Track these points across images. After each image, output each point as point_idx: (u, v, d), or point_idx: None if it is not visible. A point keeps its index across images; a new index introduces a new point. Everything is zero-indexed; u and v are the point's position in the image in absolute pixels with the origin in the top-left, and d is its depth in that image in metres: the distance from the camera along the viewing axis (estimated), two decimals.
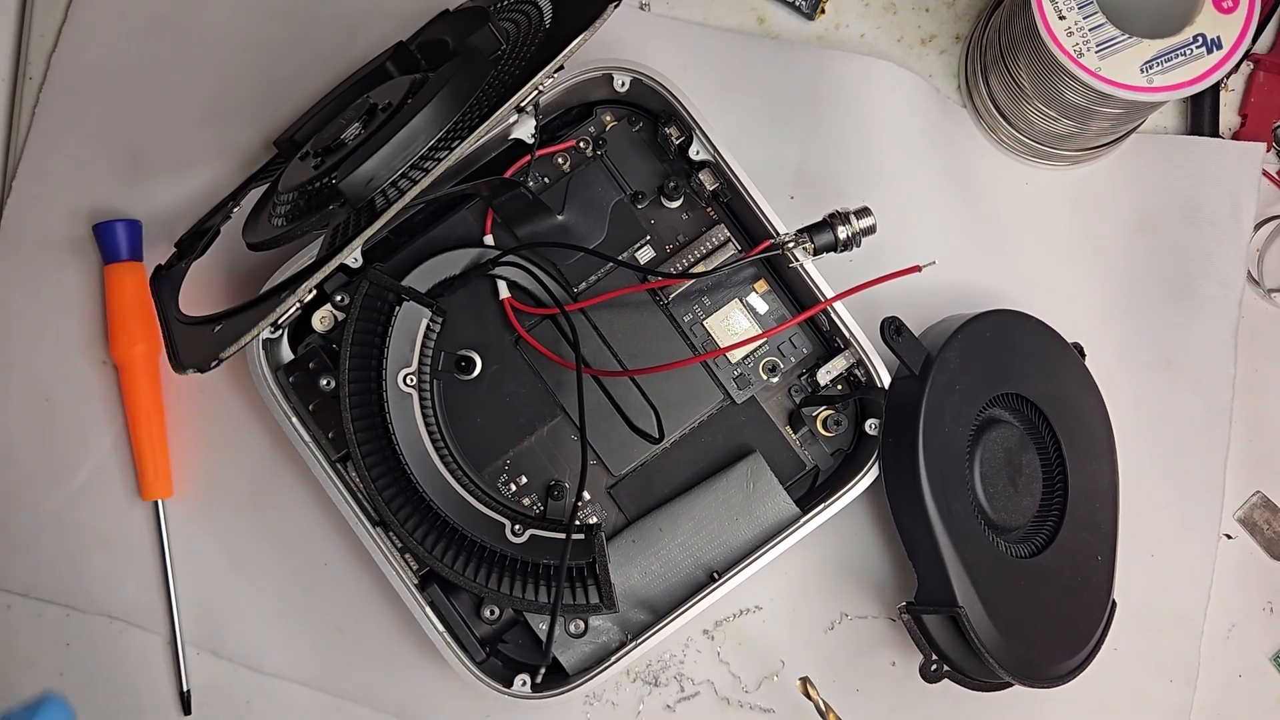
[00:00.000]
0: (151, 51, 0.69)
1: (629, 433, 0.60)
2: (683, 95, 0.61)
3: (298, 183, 0.54)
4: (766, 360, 0.63)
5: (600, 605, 0.58)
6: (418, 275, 0.61)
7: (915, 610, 0.59)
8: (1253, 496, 0.69)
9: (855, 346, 0.61)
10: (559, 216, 0.62)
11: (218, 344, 0.49)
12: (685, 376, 0.62)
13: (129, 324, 0.65)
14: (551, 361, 0.61)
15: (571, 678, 0.59)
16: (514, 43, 0.55)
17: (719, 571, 0.60)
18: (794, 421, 0.63)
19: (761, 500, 0.61)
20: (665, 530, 0.61)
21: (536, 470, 0.62)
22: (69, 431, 0.66)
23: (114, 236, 0.65)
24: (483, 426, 0.61)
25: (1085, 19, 0.60)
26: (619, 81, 0.61)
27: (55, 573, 0.66)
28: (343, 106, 0.59)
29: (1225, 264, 0.69)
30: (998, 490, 0.61)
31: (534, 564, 0.58)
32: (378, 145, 0.50)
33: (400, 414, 0.59)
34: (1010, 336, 0.62)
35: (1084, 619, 0.62)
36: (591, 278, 0.63)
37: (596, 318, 0.62)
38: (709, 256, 0.62)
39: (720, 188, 0.62)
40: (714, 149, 0.61)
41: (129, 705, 0.66)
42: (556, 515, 0.61)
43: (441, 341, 0.61)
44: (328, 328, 0.61)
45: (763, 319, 0.63)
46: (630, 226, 0.63)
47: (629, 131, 0.64)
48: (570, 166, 0.63)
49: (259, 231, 0.55)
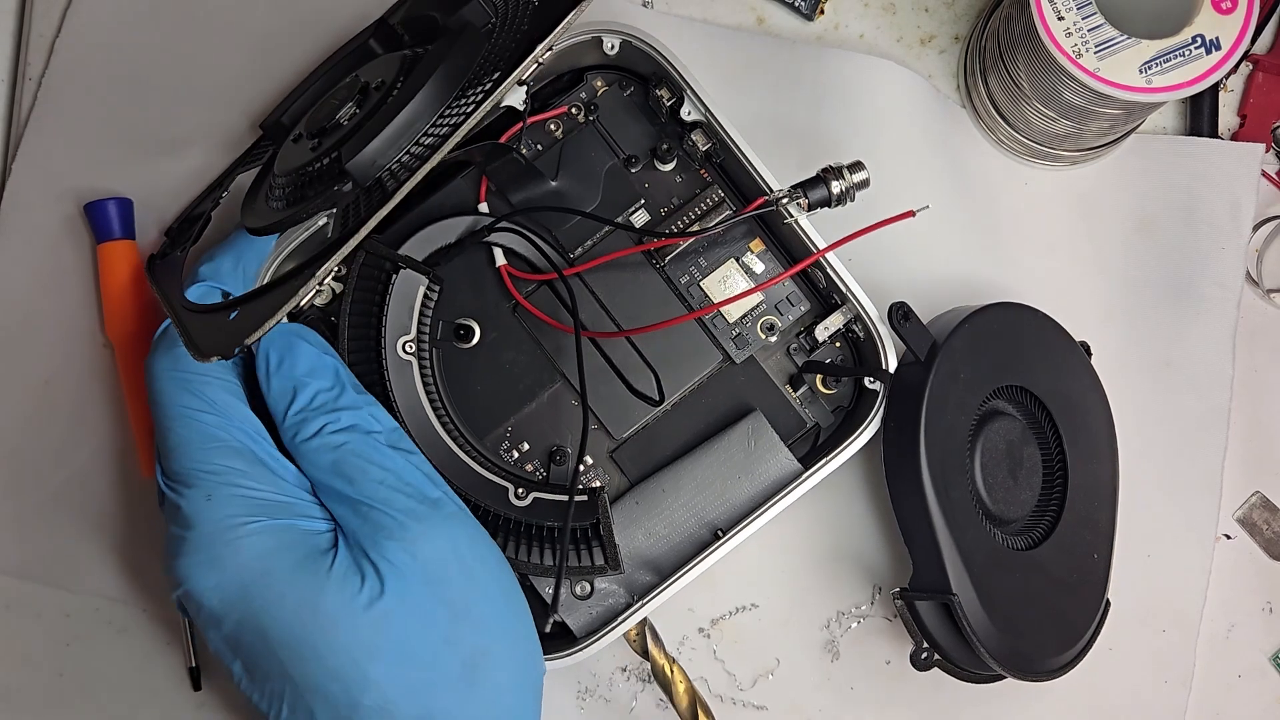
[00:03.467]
0: (149, 38, 0.69)
1: (629, 396, 0.60)
2: (672, 56, 0.61)
3: (296, 165, 0.54)
4: (764, 319, 0.63)
5: (605, 566, 0.58)
6: (413, 244, 0.61)
7: (909, 596, 0.59)
8: (1251, 496, 0.69)
9: (852, 302, 0.61)
10: (553, 182, 0.63)
11: (238, 330, 0.49)
12: (684, 338, 0.62)
13: (123, 302, 0.65)
14: (550, 327, 0.61)
15: (579, 639, 0.59)
16: (502, 15, 0.56)
17: (723, 529, 0.60)
18: (794, 380, 0.63)
19: (763, 458, 0.61)
20: (668, 491, 0.61)
21: (538, 436, 0.62)
22: (70, 413, 0.66)
23: (105, 215, 0.65)
24: (483, 394, 0.61)
25: (1084, 19, 0.60)
26: (608, 44, 0.62)
27: (58, 554, 0.65)
28: (328, 87, 0.59)
29: (1224, 264, 0.69)
30: (997, 481, 0.61)
31: (538, 526, 0.58)
32: (382, 124, 0.50)
33: (400, 381, 0.59)
34: (1017, 329, 0.62)
35: (1077, 615, 0.61)
36: (587, 242, 0.63)
37: (593, 282, 0.62)
38: (704, 217, 0.63)
39: (713, 148, 0.62)
40: (705, 108, 0.61)
41: (134, 699, 0.66)
42: (559, 480, 0.61)
43: (439, 310, 0.61)
44: (325, 301, 0.62)
45: (759, 278, 0.63)
46: (624, 190, 0.63)
47: (620, 96, 0.64)
48: (562, 132, 0.64)
49: (260, 215, 0.55)
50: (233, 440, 0.52)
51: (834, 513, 0.66)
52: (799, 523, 0.66)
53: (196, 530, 0.50)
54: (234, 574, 0.50)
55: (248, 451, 0.52)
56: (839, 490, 0.66)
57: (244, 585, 0.50)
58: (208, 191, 0.63)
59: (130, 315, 0.65)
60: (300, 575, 0.50)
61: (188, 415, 0.52)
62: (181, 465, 0.52)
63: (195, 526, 0.51)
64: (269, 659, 0.50)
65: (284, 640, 0.49)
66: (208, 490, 0.51)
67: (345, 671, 0.49)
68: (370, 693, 0.49)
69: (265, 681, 0.50)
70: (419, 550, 0.51)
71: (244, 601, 0.50)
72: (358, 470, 0.52)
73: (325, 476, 0.53)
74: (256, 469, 0.52)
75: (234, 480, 0.52)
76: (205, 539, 0.50)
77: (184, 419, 0.52)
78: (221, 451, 0.52)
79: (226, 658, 0.51)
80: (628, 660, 0.65)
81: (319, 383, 0.54)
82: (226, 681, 0.64)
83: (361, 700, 0.49)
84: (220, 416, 0.52)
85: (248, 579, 0.50)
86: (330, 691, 0.49)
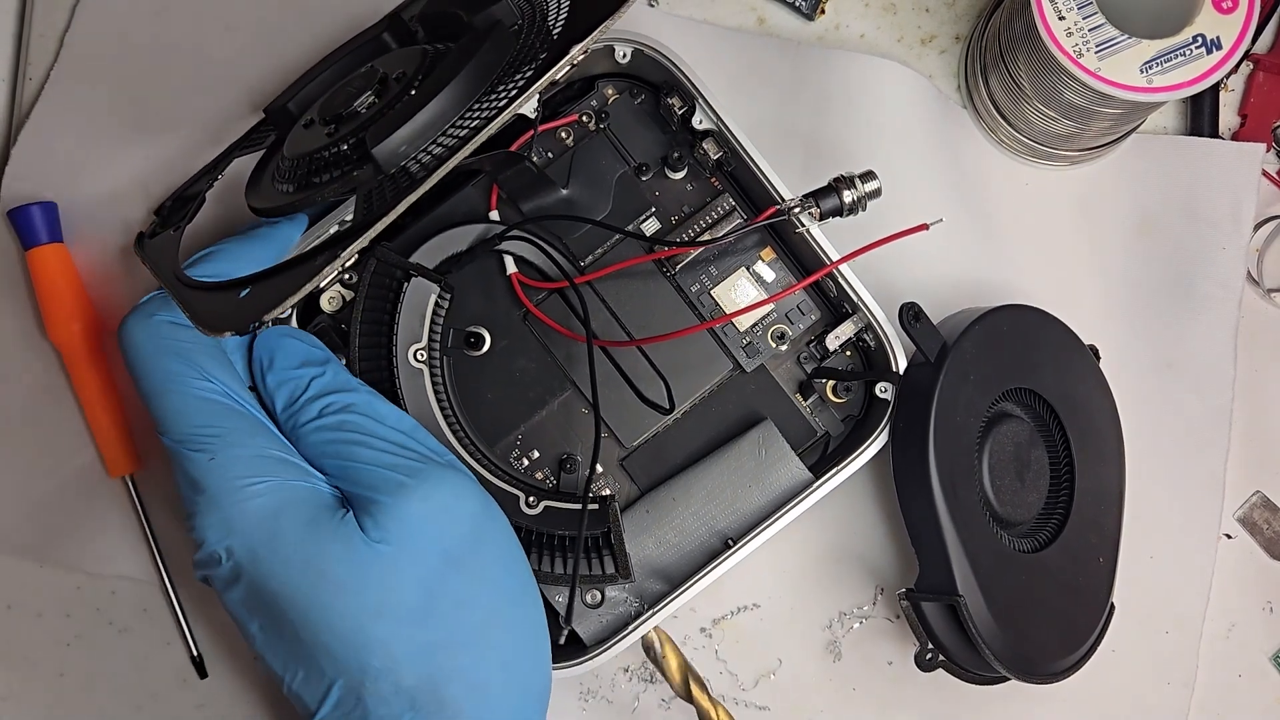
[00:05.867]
0: (152, 32, 0.68)
1: (640, 405, 0.60)
2: (684, 64, 0.61)
3: (308, 150, 0.54)
4: (775, 328, 0.63)
5: (616, 574, 0.58)
6: (424, 253, 0.61)
7: (915, 597, 0.59)
8: (1252, 496, 0.69)
9: (864, 311, 0.61)
10: (564, 190, 0.62)
11: (253, 306, 0.48)
12: (694, 347, 0.62)
13: (61, 305, 0.65)
14: (560, 335, 0.61)
15: (590, 648, 0.59)
16: (529, 17, 0.55)
17: (734, 538, 0.60)
18: (804, 389, 0.63)
19: (774, 466, 0.61)
20: (679, 500, 0.61)
21: (548, 444, 0.62)
22: (27, 419, 0.66)
23: (30, 221, 0.64)
24: (494, 402, 0.62)
25: (1085, 19, 0.60)
26: (620, 53, 0.61)
27: (32, 563, 0.66)
28: (339, 76, 0.59)
29: (1225, 264, 0.69)
30: (1005, 483, 0.61)
31: (549, 535, 0.58)
32: (410, 112, 0.50)
33: (412, 389, 0.59)
34: (1027, 332, 0.63)
35: (1081, 619, 0.62)
36: (598, 250, 0.63)
37: (604, 291, 0.62)
38: (714, 226, 0.63)
39: (724, 156, 0.62)
40: (717, 116, 0.61)
41: (135, 698, 0.66)
42: (570, 488, 0.61)
43: (450, 318, 0.61)
44: (336, 307, 0.61)
45: (770, 286, 0.63)
46: (635, 199, 0.63)
47: (631, 104, 0.64)
48: (573, 141, 0.63)
49: (265, 197, 0.55)
50: (230, 403, 0.53)
51: (837, 514, 0.66)
52: (802, 524, 0.64)
53: (206, 493, 0.51)
54: (243, 537, 0.50)
55: (246, 413, 0.53)
56: (842, 491, 0.65)
57: (253, 548, 0.50)
58: (204, 172, 0.63)
59: (70, 316, 0.65)
60: (307, 537, 0.50)
61: (181, 380, 0.52)
62: (181, 430, 0.52)
63: (205, 489, 0.51)
64: (281, 622, 0.50)
65: (293, 603, 0.50)
66: (211, 452, 0.51)
67: (353, 633, 0.50)
68: (378, 653, 0.50)
69: (279, 645, 0.51)
70: (424, 511, 0.51)
71: (254, 564, 0.50)
72: (359, 441, 0.53)
73: (328, 452, 0.53)
74: (256, 428, 0.52)
75: (236, 440, 0.52)
76: (213, 501, 0.51)
77: (177, 384, 0.52)
78: (220, 413, 0.52)
79: (244, 619, 0.52)
80: (629, 661, 0.66)
81: (312, 371, 0.55)
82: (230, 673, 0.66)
83: (370, 661, 0.49)
84: (213, 381, 0.53)
85: (256, 542, 0.50)
86: (340, 654, 0.50)
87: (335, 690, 0.50)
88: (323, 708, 0.50)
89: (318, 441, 0.53)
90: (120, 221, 0.67)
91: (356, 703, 0.50)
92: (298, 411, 0.54)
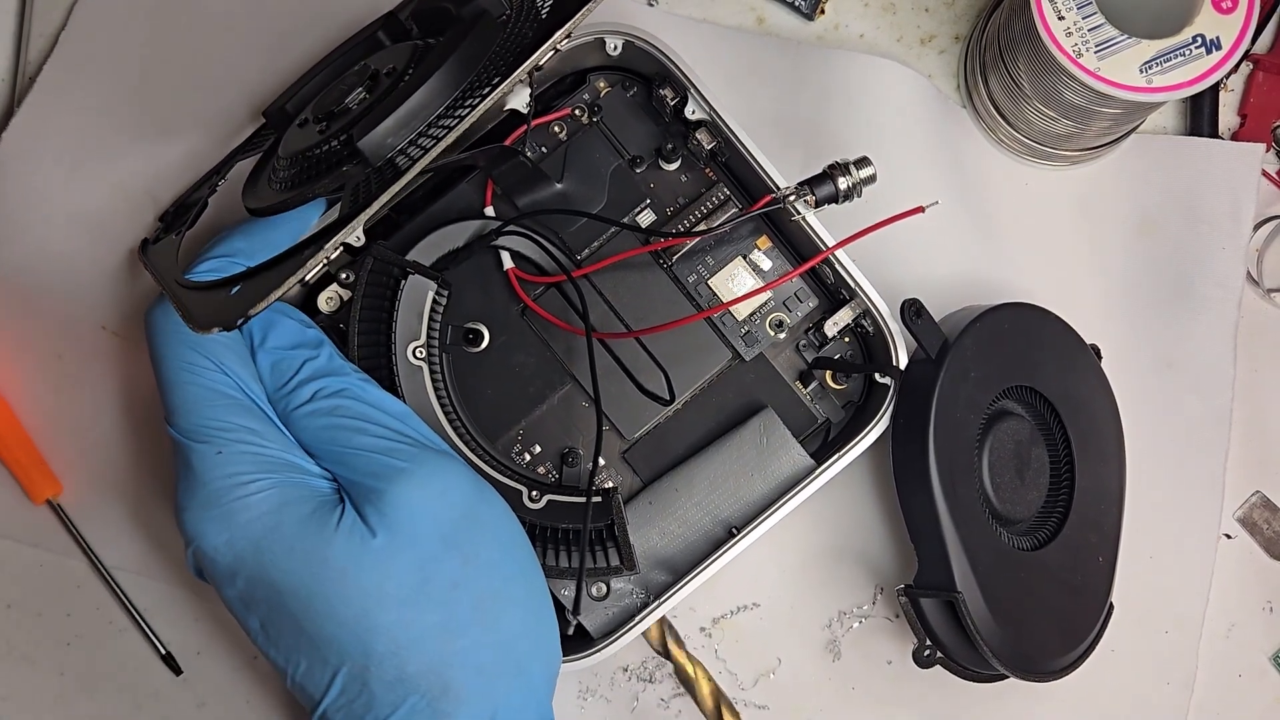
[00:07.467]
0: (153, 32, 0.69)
1: (640, 397, 0.60)
2: (675, 55, 0.61)
3: (302, 147, 0.54)
4: (773, 316, 0.63)
5: (621, 566, 0.58)
6: (420, 250, 0.60)
7: (913, 593, 0.59)
8: (1252, 496, 0.69)
9: (861, 296, 0.61)
10: (558, 185, 0.63)
11: (240, 303, 0.48)
12: (693, 337, 0.62)
13: None
14: (559, 329, 0.61)
15: (596, 640, 0.59)
16: (516, 9, 0.56)
17: (737, 527, 0.60)
18: (804, 377, 0.63)
19: (776, 454, 0.61)
20: (681, 490, 0.61)
21: (550, 439, 0.62)
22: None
23: None
24: (494, 397, 0.61)
25: (1084, 19, 0.60)
26: (611, 45, 0.62)
27: (32, 562, 0.65)
28: (335, 76, 0.59)
29: (1224, 264, 0.69)
30: (1004, 481, 0.61)
31: (552, 529, 0.58)
32: (396, 103, 0.50)
33: (412, 386, 0.58)
34: (1028, 330, 0.63)
35: (1080, 618, 0.62)
36: (594, 244, 0.63)
37: (601, 284, 0.62)
38: (710, 216, 0.63)
39: (718, 146, 0.62)
40: (709, 107, 0.61)
41: (135, 698, 0.65)
42: (572, 482, 0.61)
43: (448, 315, 0.61)
44: (333, 308, 0.61)
45: (767, 275, 0.63)
46: (630, 191, 0.63)
47: (623, 96, 0.64)
48: (567, 135, 0.64)
49: (262, 197, 0.55)
50: (242, 399, 0.53)
51: (835, 512, 0.66)
52: (800, 522, 0.65)
53: (207, 487, 0.51)
54: (244, 530, 0.50)
55: (256, 410, 0.53)
56: (840, 490, 0.66)
57: (254, 540, 0.50)
58: (206, 178, 0.63)
59: None
60: (308, 528, 0.51)
61: (195, 371, 0.53)
62: (190, 421, 0.52)
63: (206, 483, 0.51)
64: (282, 614, 0.50)
65: (295, 593, 0.50)
66: (218, 445, 0.52)
67: (357, 619, 0.50)
68: (382, 639, 0.50)
69: (280, 637, 0.51)
70: (423, 496, 0.52)
71: (255, 556, 0.50)
72: (354, 427, 0.53)
73: (322, 438, 0.53)
74: (266, 427, 0.53)
75: (244, 438, 0.52)
76: (215, 495, 0.51)
77: (192, 374, 0.53)
78: (231, 409, 0.52)
79: (242, 614, 0.52)
80: (629, 659, 0.65)
81: (305, 352, 0.55)
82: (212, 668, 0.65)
83: (374, 647, 0.49)
84: (229, 375, 0.53)
85: (258, 534, 0.50)
86: (343, 642, 0.50)
87: (340, 678, 0.50)
88: (327, 696, 0.50)
89: (312, 427, 0.53)
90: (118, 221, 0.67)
91: (361, 689, 0.50)
92: (290, 394, 0.54)
